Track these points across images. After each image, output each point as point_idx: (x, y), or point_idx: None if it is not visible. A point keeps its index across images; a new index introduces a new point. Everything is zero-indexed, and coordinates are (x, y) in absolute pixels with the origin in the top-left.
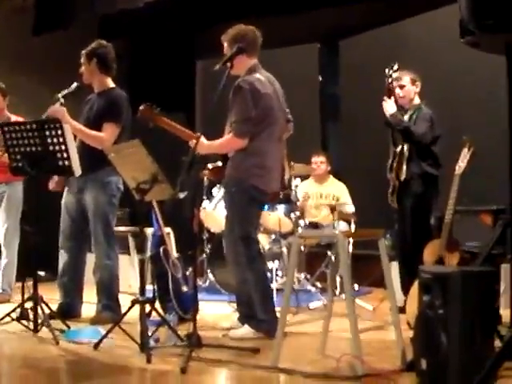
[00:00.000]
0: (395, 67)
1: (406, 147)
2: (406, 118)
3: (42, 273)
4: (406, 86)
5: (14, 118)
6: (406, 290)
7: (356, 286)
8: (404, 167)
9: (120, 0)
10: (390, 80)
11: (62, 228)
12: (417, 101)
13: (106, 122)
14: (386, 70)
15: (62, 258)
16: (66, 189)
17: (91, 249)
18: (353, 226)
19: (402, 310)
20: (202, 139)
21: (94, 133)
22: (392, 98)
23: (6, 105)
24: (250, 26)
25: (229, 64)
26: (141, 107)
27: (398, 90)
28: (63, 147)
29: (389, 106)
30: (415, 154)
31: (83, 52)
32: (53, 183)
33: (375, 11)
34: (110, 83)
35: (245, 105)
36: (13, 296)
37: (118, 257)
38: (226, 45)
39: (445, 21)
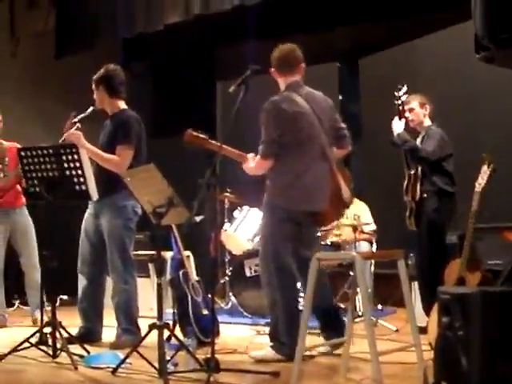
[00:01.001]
0: (404, 89)
1: (419, 168)
2: (418, 140)
3: (64, 297)
4: (415, 109)
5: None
6: (427, 310)
7: (379, 306)
8: (418, 187)
9: (141, 23)
10: (399, 102)
11: (81, 252)
12: (427, 123)
13: (119, 144)
14: (395, 93)
15: (81, 282)
16: (86, 214)
17: (108, 272)
18: (374, 246)
19: (425, 330)
20: (250, 162)
21: (108, 156)
22: (403, 119)
23: None
24: (288, 45)
25: (243, 86)
26: (185, 134)
27: (407, 114)
28: (80, 172)
29: (397, 126)
30: (428, 172)
31: (93, 78)
32: None
33: (393, 29)
34: (121, 105)
35: (268, 126)
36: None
37: (136, 280)
38: (273, 67)
39: (463, 37)
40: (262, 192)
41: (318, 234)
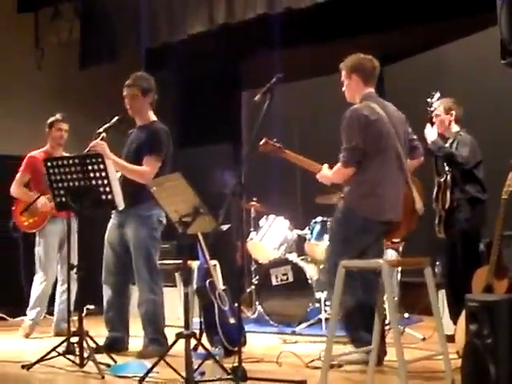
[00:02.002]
0: (436, 95)
1: (449, 176)
2: (446, 145)
3: (91, 306)
4: (441, 115)
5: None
6: (455, 318)
7: (406, 315)
8: (448, 195)
9: (164, 33)
10: (432, 108)
11: (105, 263)
12: (455, 128)
13: (148, 155)
14: (428, 99)
15: (106, 292)
16: (109, 224)
17: (134, 282)
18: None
19: (452, 338)
20: (324, 170)
21: (135, 167)
22: (435, 125)
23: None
24: (368, 56)
25: (269, 95)
26: (261, 142)
27: (434, 119)
28: (105, 181)
29: (430, 134)
30: (459, 180)
31: (135, 85)
32: None
33: (417, 37)
34: (152, 116)
35: (350, 133)
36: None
37: (162, 290)
38: (343, 73)
39: (489, 43)
40: (286, 201)
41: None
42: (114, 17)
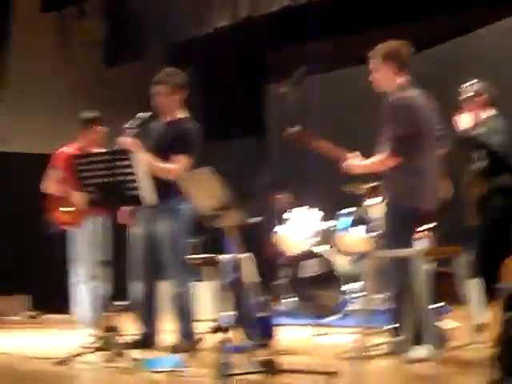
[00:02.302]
0: (471, 82)
1: (480, 163)
2: (478, 132)
3: (122, 302)
4: (472, 99)
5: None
6: (487, 306)
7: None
8: (480, 183)
9: (189, 28)
10: (464, 96)
11: (133, 259)
12: (487, 113)
13: (179, 153)
14: (463, 85)
15: (135, 289)
16: (134, 220)
17: (164, 277)
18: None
19: (485, 327)
20: (353, 159)
21: (165, 165)
22: (466, 113)
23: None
24: (402, 42)
25: (295, 87)
26: (294, 131)
27: (466, 105)
28: (134, 177)
29: (462, 121)
30: (490, 168)
31: (164, 82)
32: (121, 216)
33: (450, 23)
34: (182, 113)
35: (397, 122)
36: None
37: (193, 284)
38: (375, 60)
39: None
40: (315, 192)
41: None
42: (139, 14)
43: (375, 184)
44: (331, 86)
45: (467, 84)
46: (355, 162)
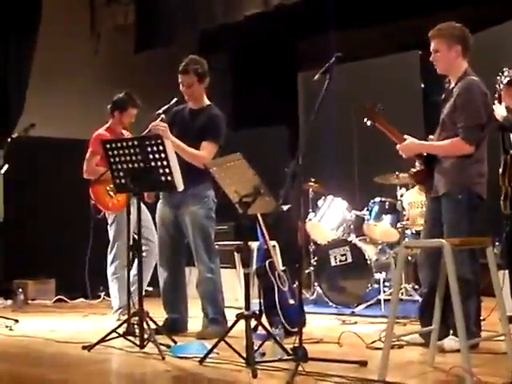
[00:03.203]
0: (506, 73)
1: None
2: None
3: (149, 288)
4: (506, 88)
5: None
6: None
7: None
8: None
9: (220, 14)
10: (501, 86)
11: (160, 245)
12: None
13: (208, 140)
14: (498, 76)
15: (162, 274)
16: (159, 205)
17: (190, 263)
18: None
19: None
20: (412, 139)
21: (194, 151)
22: (503, 103)
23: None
24: (466, 28)
25: (328, 74)
26: (367, 104)
27: (502, 93)
28: (165, 163)
29: (500, 110)
30: None
31: (191, 71)
32: (149, 195)
33: (477, 13)
34: (207, 100)
35: (478, 109)
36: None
37: (220, 270)
38: (439, 40)
39: None
40: (344, 181)
41: (404, 222)
42: (169, 0)
43: (414, 170)
44: (360, 74)
45: (505, 73)
46: (416, 141)
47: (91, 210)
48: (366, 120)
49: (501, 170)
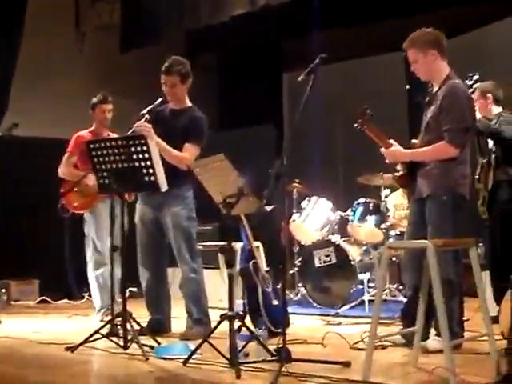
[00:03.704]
0: (475, 77)
1: (492, 156)
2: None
3: (133, 289)
4: (477, 100)
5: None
6: (498, 299)
7: None
8: (491, 175)
9: (206, 15)
10: (471, 90)
11: (140, 245)
12: (496, 110)
13: (191, 142)
14: (466, 81)
15: (144, 275)
16: (138, 206)
17: (172, 263)
18: None
19: (496, 319)
20: (398, 147)
21: (177, 152)
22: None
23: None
24: (437, 31)
25: (312, 75)
26: (358, 110)
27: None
28: (149, 163)
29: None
30: (502, 160)
31: (175, 72)
32: (129, 194)
33: (460, 17)
34: (188, 101)
35: (463, 113)
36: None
37: (203, 270)
38: (413, 50)
39: None
40: (329, 182)
41: (388, 223)
42: None
43: (398, 175)
44: (345, 75)
45: (474, 79)
46: (402, 149)
47: (59, 209)
48: (356, 125)
49: (477, 174)
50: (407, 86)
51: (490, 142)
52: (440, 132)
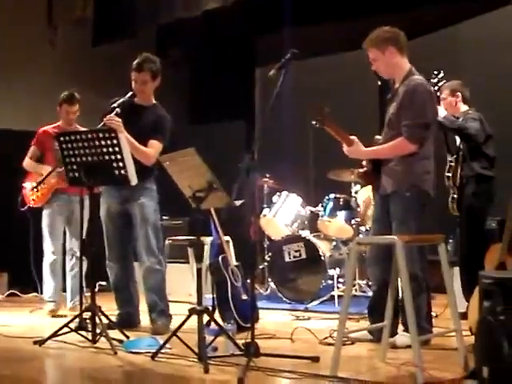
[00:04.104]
0: (440, 75)
1: (460, 153)
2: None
3: (103, 283)
4: (446, 98)
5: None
6: (467, 295)
7: None
8: (458, 172)
9: (179, 9)
10: (436, 88)
11: (108, 239)
12: (463, 108)
13: (156, 139)
14: (431, 79)
15: (112, 269)
16: (102, 200)
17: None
18: None
19: (464, 315)
20: (359, 144)
21: (143, 148)
22: (441, 104)
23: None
24: (392, 28)
25: (283, 70)
26: (316, 107)
27: (442, 102)
28: (119, 156)
29: (439, 111)
30: (468, 156)
31: (146, 69)
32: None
33: (432, 15)
34: (153, 98)
35: (423, 108)
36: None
37: (170, 266)
38: (372, 49)
39: (506, 21)
40: (299, 177)
41: (358, 219)
42: None
43: (362, 171)
44: (318, 71)
45: (439, 77)
46: (362, 147)
47: (18, 203)
48: (314, 122)
49: (446, 172)
50: (379, 83)
51: (458, 140)
52: (400, 128)
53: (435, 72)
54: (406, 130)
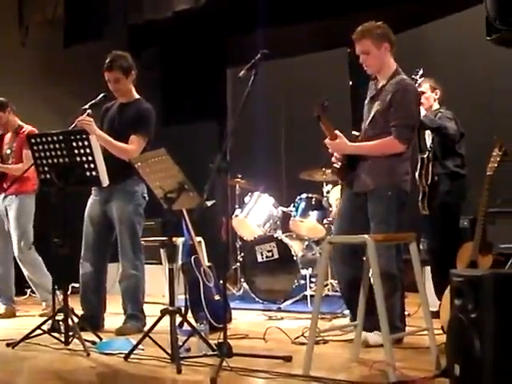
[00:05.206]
0: (420, 72)
1: (431, 151)
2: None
3: (76, 284)
4: (426, 92)
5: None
6: (439, 294)
7: None
8: (430, 170)
9: (149, 10)
10: (416, 85)
11: (85, 239)
12: (436, 106)
13: (136, 134)
14: (412, 76)
15: (85, 269)
16: (90, 200)
17: (113, 259)
18: None
19: (436, 314)
20: (344, 139)
21: (122, 145)
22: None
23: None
24: (384, 24)
25: (253, 70)
26: (317, 102)
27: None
28: (90, 158)
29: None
30: (440, 154)
31: (116, 67)
32: None
33: (402, 15)
34: (135, 94)
35: (413, 110)
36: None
37: (144, 267)
38: (365, 41)
39: (473, 22)
40: (271, 178)
41: (330, 218)
42: None
43: (338, 167)
44: (289, 71)
45: (419, 75)
46: (348, 142)
47: None
48: (315, 114)
49: (418, 170)
50: (350, 82)
51: (428, 138)
52: (387, 127)
53: (417, 69)
54: (396, 130)
